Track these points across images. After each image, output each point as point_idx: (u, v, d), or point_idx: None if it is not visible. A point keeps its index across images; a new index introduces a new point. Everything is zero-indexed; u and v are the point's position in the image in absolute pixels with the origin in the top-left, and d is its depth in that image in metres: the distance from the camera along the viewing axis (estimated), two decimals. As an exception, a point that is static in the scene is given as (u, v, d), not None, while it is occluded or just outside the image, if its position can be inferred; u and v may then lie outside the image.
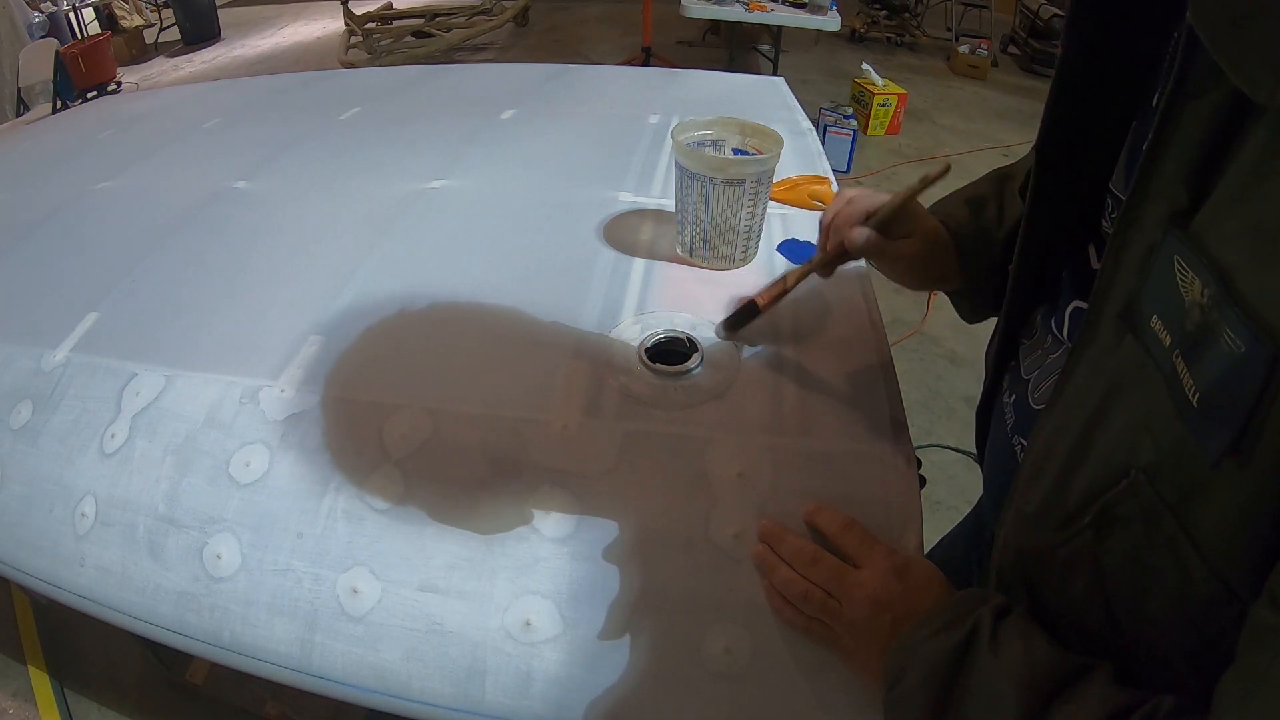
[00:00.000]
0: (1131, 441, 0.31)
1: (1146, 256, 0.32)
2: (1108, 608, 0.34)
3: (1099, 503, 0.33)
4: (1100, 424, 0.34)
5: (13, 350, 0.74)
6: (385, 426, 0.59)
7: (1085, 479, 0.34)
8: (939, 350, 2.10)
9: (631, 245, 0.80)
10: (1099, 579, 0.34)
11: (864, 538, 0.48)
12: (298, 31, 5.58)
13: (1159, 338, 0.30)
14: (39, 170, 1.20)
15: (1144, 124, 0.38)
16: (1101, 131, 0.41)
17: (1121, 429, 0.32)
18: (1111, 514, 0.32)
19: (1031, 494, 0.39)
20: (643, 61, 3.73)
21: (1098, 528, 0.33)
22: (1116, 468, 0.32)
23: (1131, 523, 0.31)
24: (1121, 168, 0.41)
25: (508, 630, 0.49)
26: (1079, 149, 0.42)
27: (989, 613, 0.38)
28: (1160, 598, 0.31)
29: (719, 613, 0.49)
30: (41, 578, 0.59)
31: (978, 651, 0.37)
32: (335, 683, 0.50)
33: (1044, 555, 0.38)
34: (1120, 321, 0.33)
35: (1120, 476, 0.31)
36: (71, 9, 4.53)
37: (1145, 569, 0.31)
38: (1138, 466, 0.31)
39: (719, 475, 0.55)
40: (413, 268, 0.78)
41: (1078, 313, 0.44)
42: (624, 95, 1.25)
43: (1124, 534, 0.32)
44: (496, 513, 0.54)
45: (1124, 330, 0.33)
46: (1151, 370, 0.30)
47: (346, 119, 1.20)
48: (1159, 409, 0.30)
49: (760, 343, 0.66)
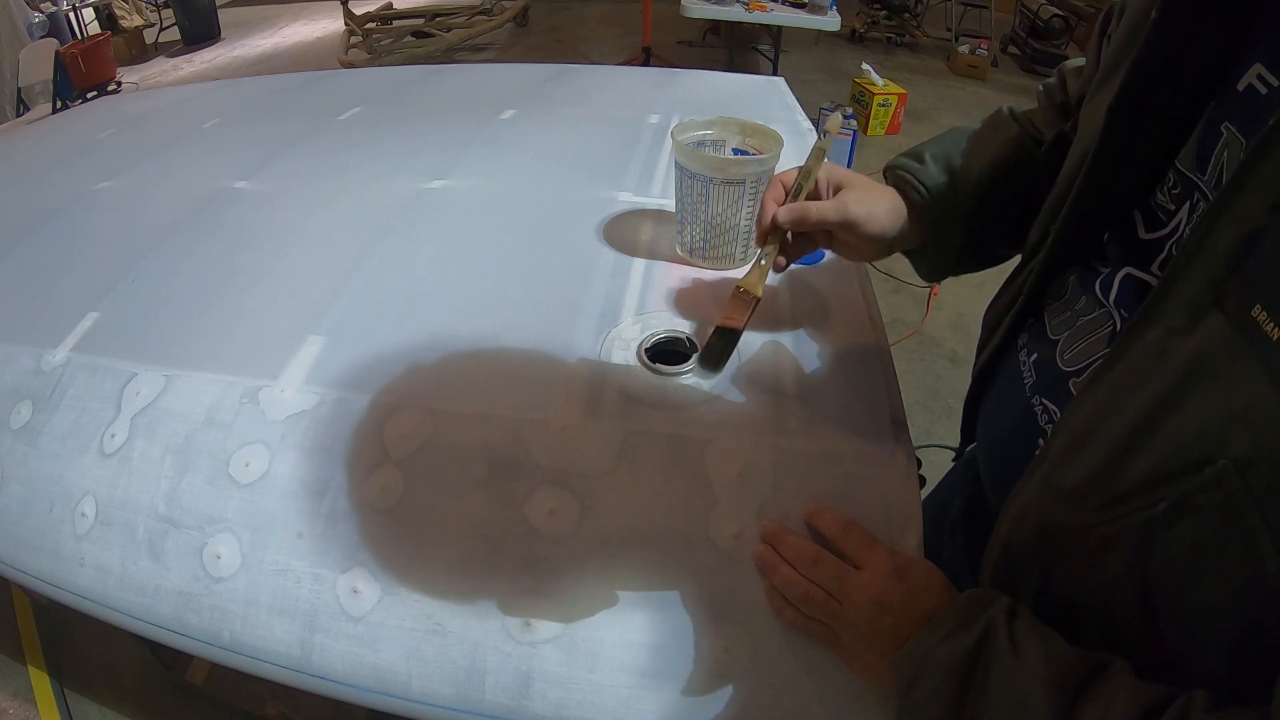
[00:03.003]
0: (1219, 431, 0.30)
1: (1243, 244, 0.30)
2: (1145, 592, 0.34)
3: (1176, 490, 0.32)
4: (1172, 408, 0.32)
5: (13, 350, 0.74)
6: (385, 426, 0.59)
7: (1147, 462, 0.33)
8: (939, 350, 2.10)
9: (631, 245, 0.80)
10: (1142, 563, 0.33)
11: (864, 539, 0.48)
12: (298, 31, 5.58)
13: (1264, 329, 0.29)
14: (39, 170, 1.20)
15: (1222, 105, 0.37)
16: (1174, 105, 0.40)
17: (1204, 416, 0.31)
18: (1186, 503, 0.31)
19: (1068, 470, 0.38)
20: (643, 61, 3.73)
21: (1167, 515, 0.32)
22: (1196, 456, 0.31)
23: (1206, 512, 0.30)
24: (1193, 146, 0.39)
25: (508, 630, 0.49)
26: (1149, 118, 0.41)
27: (1001, 614, 0.38)
28: (1217, 587, 0.31)
29: (719, 613, 0.49)
30: (41, 578, 0.59)
31: (996, 654, 0.36)
32: (335, 683, 0.50)
33: (1075, 534, 0.37)
34: (1198, 304, 0.32)
35: (1201, 465, 0.30)
36: (71, 9, 4.53)
37: (1208, 558, 0.31)
38: (1227, 457, 0.30)
39: (719, 475, 0.55)
40: (413, 268, 0.78)
41: (1131, 281, 0.43)
42: (624, 95, 1.25)
43: (1193, 523, 0.31)
44: (496, 513, 0.54)
45: (1201, 314, 0.32)
46: (1249, 361, 0.29)
47: (346, 119, 1.20)
48: (1259, 402, 0.29)
49: (760, 343, 0.66)
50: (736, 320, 0.59)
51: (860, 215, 0.55)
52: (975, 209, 0.58)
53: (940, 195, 0.58)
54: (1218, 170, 0.37)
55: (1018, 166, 0.58)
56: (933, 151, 0.60)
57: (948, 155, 0.59)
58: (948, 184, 0.58)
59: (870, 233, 0.56)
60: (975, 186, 0.58)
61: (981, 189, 0.58)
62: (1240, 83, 0.36)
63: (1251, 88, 0.35)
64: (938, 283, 0.66)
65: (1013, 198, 0.58)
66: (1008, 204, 0.58)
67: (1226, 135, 0.36)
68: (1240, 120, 0.36)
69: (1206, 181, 0.38)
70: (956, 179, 0.58)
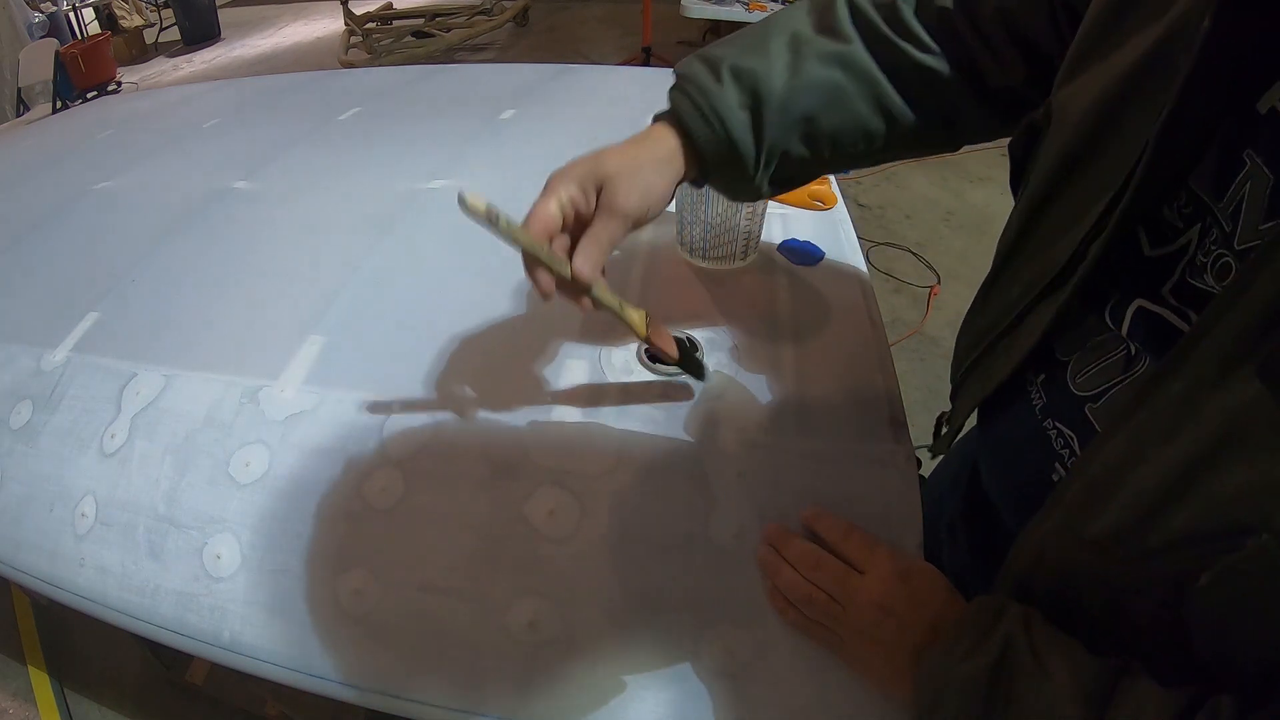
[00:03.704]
0: (1259, 502, 0.29)
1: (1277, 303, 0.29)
2: (1175, 626, 0.33)
3: (1215, 560, 0.31)
4: (1207, 468, 0.31)
5: (13, 350, 0.74)
6: (385, 427, 0.59)
7: (1179, 522, 0.32)
8: (939, 350, 2.10)
9: (631, 245, 0.80)
10: (1174, 605, 0.32)
11: (866, 542, 0.47)
12: (298, 31, 5.58)
13: None
14: (39, 170, 1.20)
15: (1243, 128, 0.35)
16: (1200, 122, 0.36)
17: (1242, 485, 0.30)
18: (1230, 571, 0.30)
19: (1092, 520, 0.36)
20: (643, 61, 3.73)
21: (1209, 582, 0.31)
22: (1233, 523, 0.30)
23: (1251, 577, 0.30)
24: (1211, 168, 0.36)
25: (508, 630, 0.49)
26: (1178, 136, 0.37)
27: (1018, 626, 0.37)
28: (1256, 627, 0.30)
29: (719, 613, 0.49)
30: (41, 578, 0.59)
31: (1020, 669, 0.36)
32: (335, 683, 0.50)
33: (1100, 579, 0.36)
34: (1229, 359, 0.31)
35: (1244, 534, 0.29)
36: (71, 9, 4.53)
37: (1248, 609, 0.30)
38: (1271, 531, 0.28)
39: (719, 475, 0.55)
40: (413, 268, 0.78)
41: (1144, 316, 0.40)
42: (624, 95, 1.25)
43: (1234, 585, 0.30)
44: (496, 513, 0.54)
45: (1233, 368, 0.30)
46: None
47: (346, 119, 1.20)
48: None
49: (760, 343, 0.66)
50: (670, 349, 0.56)
51: (639, 211, 0.48)
52: (785, 146, 0.49)
53: (734, 129, 0.47)
54: (1236, 200, 0.34)
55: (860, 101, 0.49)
56: (735, 66, 0.48)
57: (753, 75, 0.47)
58: (748, 120, 0.47)
59: (655, 213, 0.49)
60: (792, 121, 0.48)
61: (802, 124, 0.48)
62: (1261, 103, 0.33)
63: (1275, 111, 0.32)
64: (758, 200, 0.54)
65: (843, 132, 0.50)
66: (835, 137, 0.50)
67: (1251, 166, 0.33)
68: (1269, 151, 0.33)
69: (1223, 209, 0.35)
70: (761, 109, 0.47)
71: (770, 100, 0.47)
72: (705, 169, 0.50)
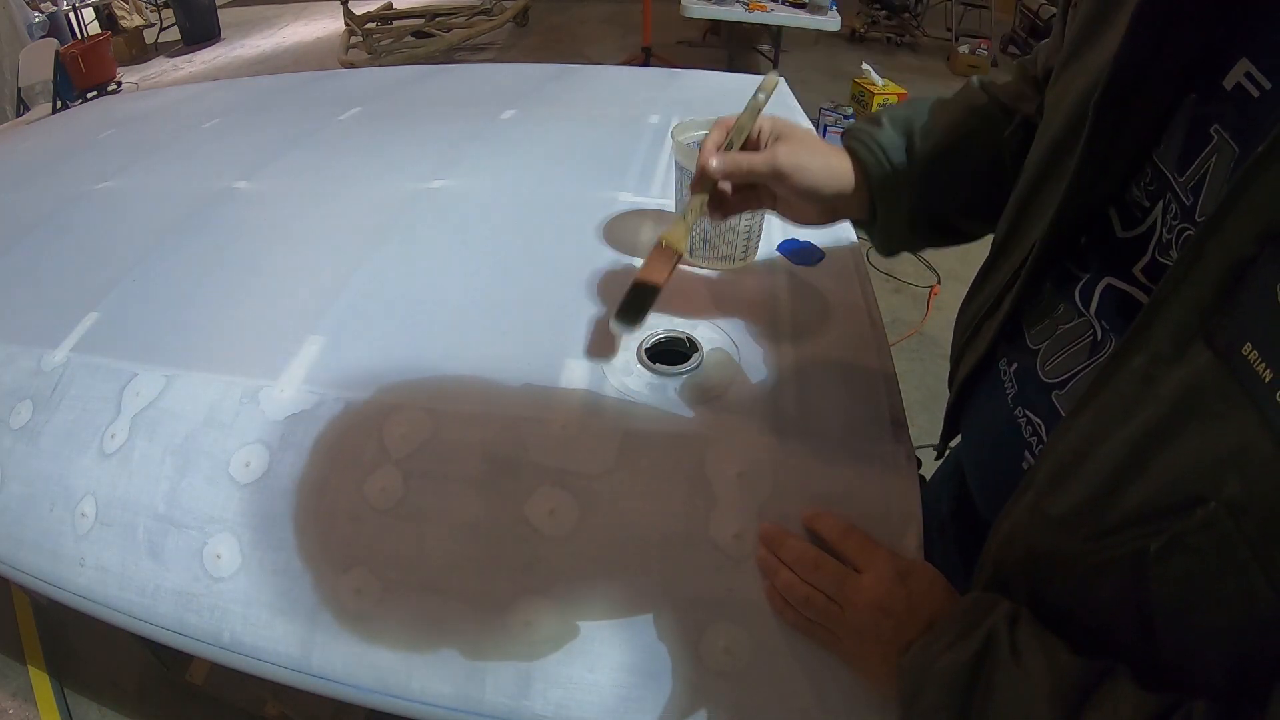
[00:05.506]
0: (1211, 473, 0.29)
1: (1231, 274, 0.29)
2: (1140, 614, 0.33)
3: (1168, 529, 0.31)
4: (1163, 442, 0.31)
5: (13, 350, 0.74)
6: (385, 426, 0.59)
7: (1137, 496, 0.32)
8: (939, 350, 2.10)
9: (631, 245, 0.80)
10: (1136, 588, 0.33)
11: (864, 543, 0.48)
12: (298, 31, 5.59)
13: (1255, 371, 0.27)
14: (39, 170, 1.20)
15: (1206, 104, 0.35)
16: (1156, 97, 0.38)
17: (1195, 455, 0.30)
18: (1178, 542, 0.31)
19: (1058, 499, 0.37)
20: (643, 61, 3.73)
21: (1159, 552, 0.31)
22: (1187, 495, 0.30)
23: (1201, 552, 0.30)
24: (1176, 145, 0.37)
25: (508, 630, 0.49)
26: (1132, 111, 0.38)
27: (1003, 621, 0.38)
28: (1213, 615, 0.30)
29: (719, 613, 0.49)
30: (41, 578, 0.59)
31: (998, 663, 0.36)
32: (335, 683, 0.50)
33: (1066, 560, 0.37)
34: (1184, 333, 0.31)
35: (1193, 504, 0.30)
36: (71, 9, 4.53)
37: (1202, 590, 0.30)
38: (1220, 500, 0.28)
39: (719, 475, 0.55)
40: (413, 268, 0.78)
41: (1112, 294, 0.41)
42: (624, 95, 1.25)
43: (1185, 559, 0.30)
44: (496, 513, 0.54)
45: (1188, 342, 0.31)
46: (1241, 402, 0.28)
47: (346, 119, 1.20)
48: (1253, 447, 0.27)
49: (760, 343, 0.66)
50: (657, 276, 0.58)
51: (789, 166, 0.52)
52: (928, 173, 0.55)
53: (892, 156, 0.55)
54: (1199, 174, 0.35)
55: (979, 135, 0.56)
56: (891, 115, 0.57)
57: (908, 119, 0.56)
58: (903, 146, 0.55)
59: (800, 185, 0.53)
60: (931, 149, 0.55)
61: (937, 152, 0.55)
62: (1227, 79, 0.34)
63: (1241, 88, 0.33)
64: (893, 255, 0.61)
65: (972, 167, 0.56)
66: (966, 173, 0.56)
67: (1218, 140, 0.34)
68: (1235, 126, 0.33)
69: (1183, 184, 0.36)
70: (913, 142, 0.55)
71: (917, 130, 0.56)
72: (871, 190, 0.56)
